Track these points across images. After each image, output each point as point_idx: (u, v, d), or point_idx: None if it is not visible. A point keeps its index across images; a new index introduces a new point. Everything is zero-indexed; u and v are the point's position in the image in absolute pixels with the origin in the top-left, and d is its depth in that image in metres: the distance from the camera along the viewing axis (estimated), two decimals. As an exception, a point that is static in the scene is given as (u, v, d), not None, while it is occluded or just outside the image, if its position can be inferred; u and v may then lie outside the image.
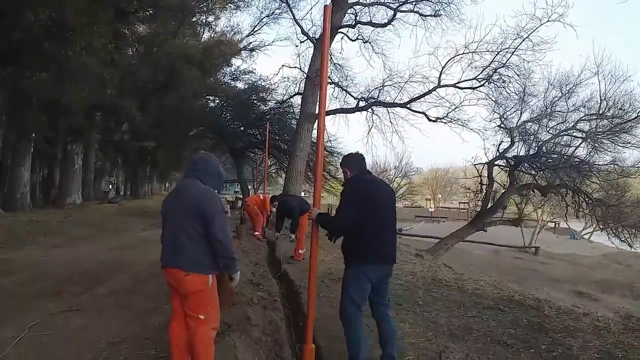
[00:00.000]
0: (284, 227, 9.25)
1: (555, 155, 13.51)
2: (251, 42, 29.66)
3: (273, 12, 22.44)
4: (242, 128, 23.40)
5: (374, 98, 15.12)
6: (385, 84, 15.08)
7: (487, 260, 20.09)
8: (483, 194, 14.95)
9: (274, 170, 27.32)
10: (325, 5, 3.57)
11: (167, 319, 3.39)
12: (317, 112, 14.99)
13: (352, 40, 15.63)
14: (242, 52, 28.31)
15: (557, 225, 35.67)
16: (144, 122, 23.67)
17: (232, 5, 27.26)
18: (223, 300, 3.47)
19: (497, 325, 4.84)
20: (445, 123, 14.69)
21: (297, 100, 18.15)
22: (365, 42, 15.71)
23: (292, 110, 21.77)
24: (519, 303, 5.87)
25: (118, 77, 18.43)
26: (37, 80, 11.93)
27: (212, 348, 3.07)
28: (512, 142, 14.27)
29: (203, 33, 31.92)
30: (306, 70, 15.31)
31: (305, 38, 15.73)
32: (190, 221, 2.97)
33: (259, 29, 27.87)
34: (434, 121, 14.76)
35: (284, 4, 18.02)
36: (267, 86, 24.40)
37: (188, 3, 22.72)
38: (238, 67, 28.58)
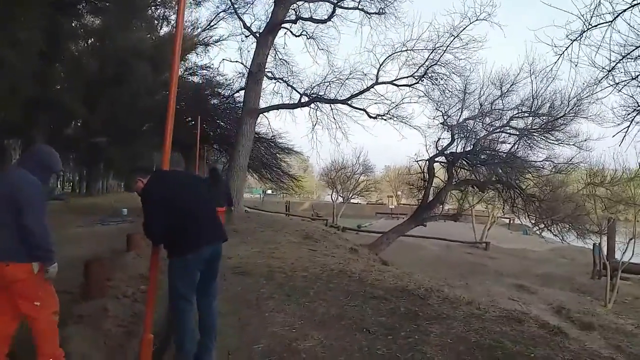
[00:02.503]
0: None
1: (489, 152, 13.86)
2: (209, 37, 29.38)
3: (229, 8, 22.28)
4: (192, 122, 23.10)
5: (316, 94, 15.17)
6: (327, 80, 15.18)
7: (437, 255, 20.39)
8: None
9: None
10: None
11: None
12: (259, 107, 15.10)
13: (296, 36, 15.67)
14: (197, 47, 27.95)
15: (511, 221, 36.47)
16: (94, 118, 23.16)
17: (191, 1, 26.97)
18: None
19: (372, 314, 4.91)
20: (385, 120, 14.88)
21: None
22: (309, 38, 15.77)
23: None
24: (410, 293, 5.96)
25: (60, 72, 17.90)
26: None
27: (56, 332, 3.05)
28: (453, 139, 14.61)
29: (160, 28, 31.40)
30: (249, 65, 15.23)
31: (249, 33, 15.68)
32: (7, 208, 2.91)
33: (215, 24, 27.54)
34: (374, 118, 14.94)
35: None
36: (222, 81, 24.24)
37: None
38: (194, 62, 28.28)
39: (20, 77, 13.49)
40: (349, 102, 14.91)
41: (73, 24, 21.97)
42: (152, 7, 25.45)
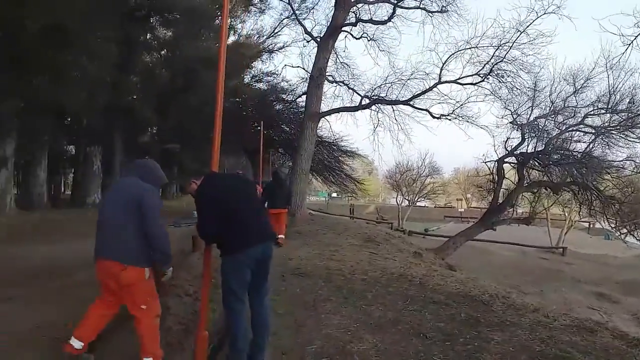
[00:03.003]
0: None
1: (562, 151, 13.08)
2: (273, 44, 30.06)
3: (291, 14, 22.71)
4: (259, 128, 23.71)
5: (377, 96, 15.06)
6: (388, 81, 15.03)
7: (510, 261, 19.61)
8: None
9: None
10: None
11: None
12: (320, 111, 15.19)
13: (357, 39, 15.66)
14: (262, 54, 28.68)
15: (591, 225, 34.24)
16: (166, 125, 24.39)
17: (256, 9, 27.77)
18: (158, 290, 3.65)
19: (430, 319, 4.77)
20: (450, 120, 14.48)
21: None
22: (370, 39, 15.70)
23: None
24: (472, 299, 5.73)
25: (134, 82, 19.08)
26: (37, 84, 12.55)
27: (157, 334, 3.36)
28: (523, 139, 13.97)
29: (228, 37, 32.52)
30: (310, 70, 15.41)
31: (310, 38, 15.87)
32: (129, 215, 3.17)
33: (279, 31, 28.15)
34: (438, 118, 14.58)
35: (287, 4, 18.23)
36: (286, 87, 24.68)
37: (208, 7, 23.31)
38: (260, 69, 29.00)
39: (99, 87, 14.59)
40: (411, 102, 14.67)
41: (147, 36, 23.44)
42: (219, 17, 26.45)
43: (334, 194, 50.22)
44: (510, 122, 14.28)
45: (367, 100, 15.11)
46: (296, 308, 5.08)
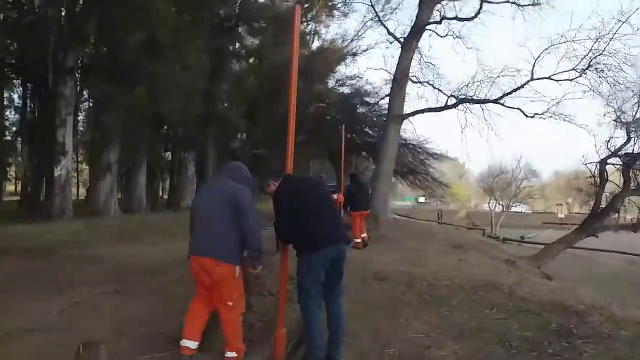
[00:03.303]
0: None
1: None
2: (357, 47, 30.25)
3: (375, 16, 22.75)
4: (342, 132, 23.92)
5: (464, 95, 14.54)
6: (476, 80, 14.46)
7: (614, 271, 17.96)
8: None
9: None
10: (295, 5, 3.82)
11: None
12: (404, 113, 14.99)
13: (442, 37, 15.28)
14: (346, 58, 28.96)
15: None
16: (255, 131, 25.48)
17: (339, 13, 28.19)
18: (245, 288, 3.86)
19: (518, 329, 4.53)
20: (544, 119, 13.61)
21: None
22: (456, 37, 15.26)
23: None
24: (566, 309, 5.34)
25: (225, 90, 20.22)
26: (135, 95, 13.76)
27: (240, 330, 3.54)
28: (629, 138, 12.81)
29: (312, 42, 33.35)
30: (393, 72, 15.27)
31: (393, 40, 15.74)
32: (224, 214, 3.41)
33: (363, 34, 28.27)
34: (531, 117, 13.78)
35: (371, 7, 18.24)
36: (370, 90, 24.68)
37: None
38: (344, 73, 29.28)
39: (192, 96, 15.68)
40: (502, 101, 14.00)
41: (236, 46, 24.74)
42: (305, 23, 27.16)
43: (422, 199, 49.19)
44: (614, 120, 13.15)
45: (454, 100, 14.64)
46: (375, 312, 5.07)
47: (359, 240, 9.63)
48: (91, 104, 27.01)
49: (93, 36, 14.64)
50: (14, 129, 30.79)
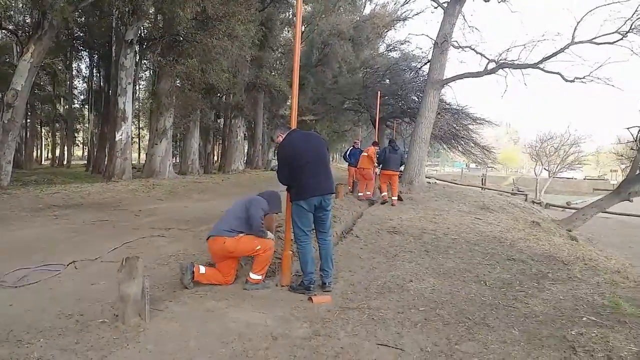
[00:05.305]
0: None
1: None
2: (409, 10, 30.01)
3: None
4: (386, 97, 24.11)
5: (504, 59, 14.44)
6: (516, 44, 14.39)
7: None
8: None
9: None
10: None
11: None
12: (444, 78, 15.08)
13: (486, 1, 15.14)
14: (395, 23, 28.82)
15: None
16: (303, 98, 26.23)
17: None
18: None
19: (499, 272, 5.14)
20: (585, 83, 13.38)
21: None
22: (501, 1, 15.10)
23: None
24: (554, 258, 5.87)
25: (273, 57, 21.02)
26: (187, 66, 14.89)
27: (267, 263, 4.45)
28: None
29: (364, 8, 33.29)
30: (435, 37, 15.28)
31: (437, 5, 15.69)
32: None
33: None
34: (571, 81, 13.59)
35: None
36: (418, 55, 24.62)
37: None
38: (393, 38, 29.25)
39: (241, 65, 16.61)
40: (541, 65, 13.80)
41: (286, 15, 25.33)
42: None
43: (473, 165, 48.43)
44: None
45: (494, 65, 14.54)
46: (377, 255, 5.81)
47: (384, 193, 10.99)
48: (149, 74, 28.88)
49: (151, 11, 15.85)
50: (82, 97, 33.47)
